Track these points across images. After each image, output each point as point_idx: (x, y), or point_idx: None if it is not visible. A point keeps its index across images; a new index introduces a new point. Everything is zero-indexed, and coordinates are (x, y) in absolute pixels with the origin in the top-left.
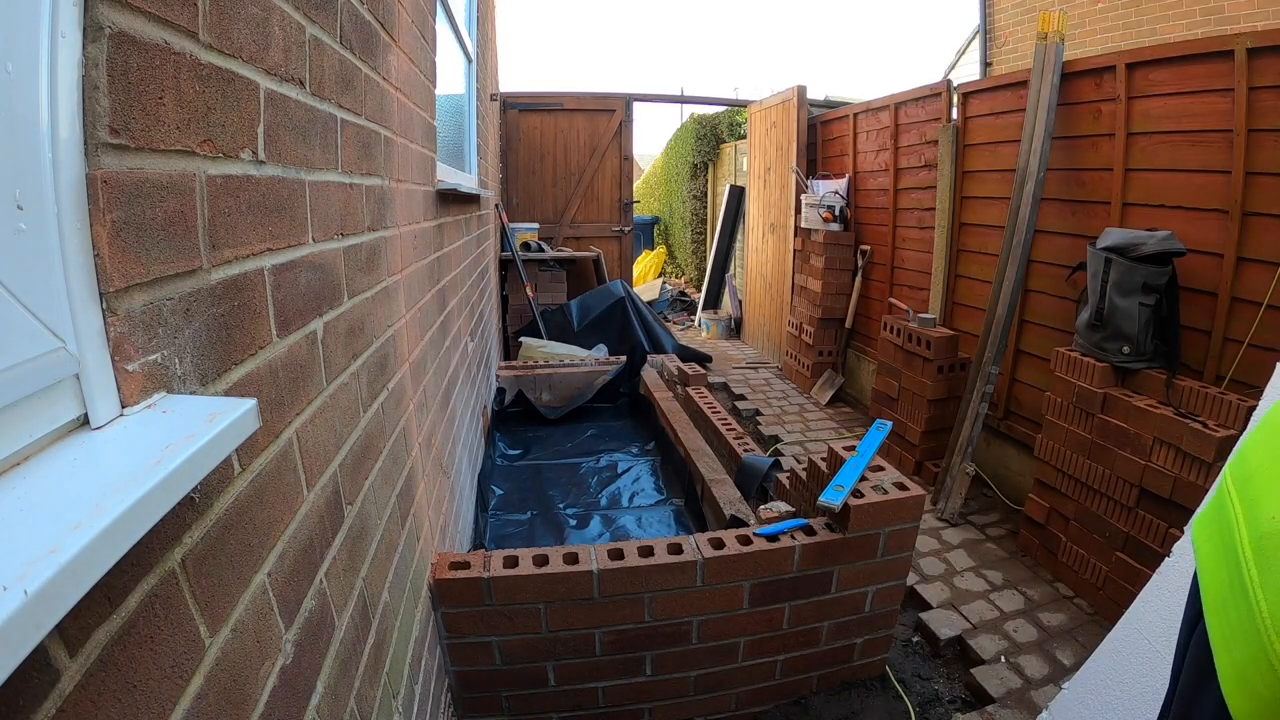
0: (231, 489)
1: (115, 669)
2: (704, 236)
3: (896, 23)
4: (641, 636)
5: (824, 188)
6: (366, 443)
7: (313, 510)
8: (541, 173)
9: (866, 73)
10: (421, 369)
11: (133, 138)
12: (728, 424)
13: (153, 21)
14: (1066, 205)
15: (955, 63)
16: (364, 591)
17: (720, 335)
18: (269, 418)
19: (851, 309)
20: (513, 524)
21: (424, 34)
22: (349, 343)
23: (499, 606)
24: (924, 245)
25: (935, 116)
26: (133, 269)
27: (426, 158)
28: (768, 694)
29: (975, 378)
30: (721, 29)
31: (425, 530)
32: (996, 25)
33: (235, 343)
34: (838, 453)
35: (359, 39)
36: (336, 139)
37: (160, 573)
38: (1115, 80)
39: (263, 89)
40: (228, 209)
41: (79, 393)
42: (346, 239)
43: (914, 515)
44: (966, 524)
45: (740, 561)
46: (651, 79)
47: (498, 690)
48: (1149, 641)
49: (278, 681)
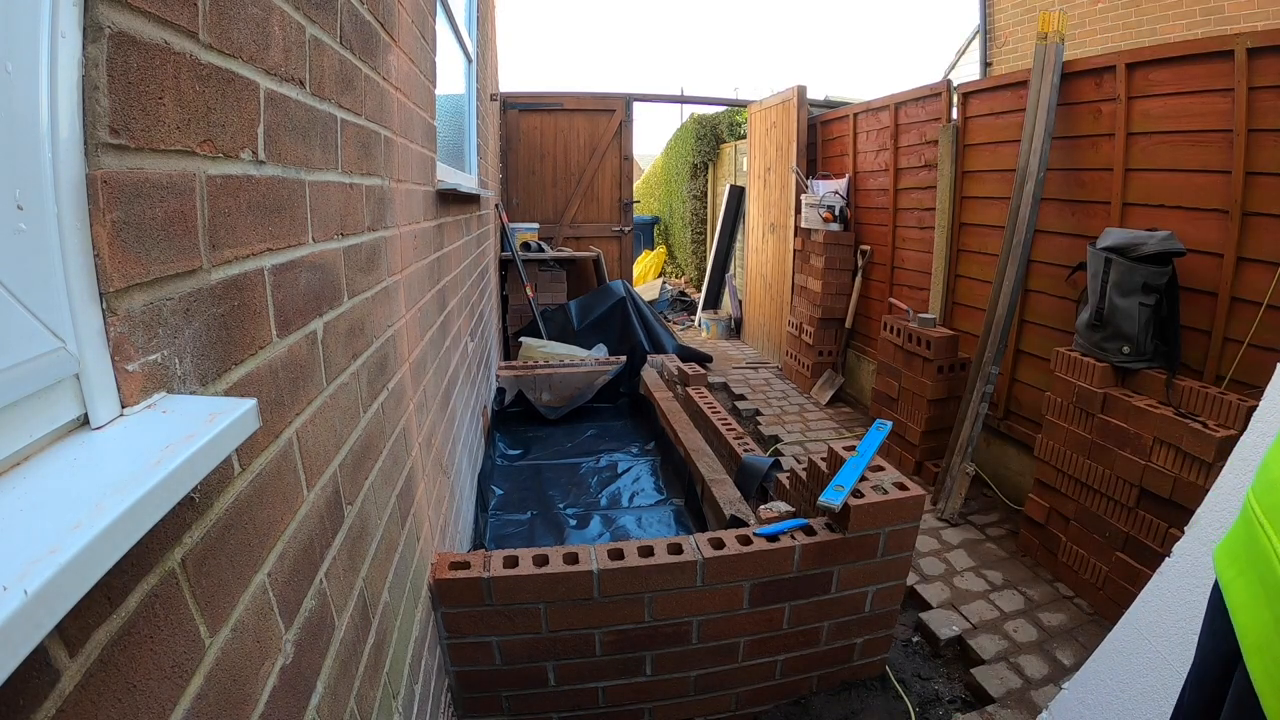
0: (231, 489)
1: (115, 669)
2: (704, 236)
3: (896, 23)
4: (641, 636)
5: (824, 188)
6: (366, 443)
7: (313, 510)
8: (541, 173)
9: (866, 73)
10: (421, 369)
11: (133, 138)
12: (728, 424)
13: (153, 21)
14: (1066, 205)
15: (955, 63)
16: (364, 591)
17: (720, 335)
18: (269, 418)
19: (851, 309)
20: (513, 524)
21: (424, 34)
22: (349, 343)
23: (499, 606)
24: (924, 245)
25: (935, 116)
26: (133, 269)
27: (426, 158)
28: (768, 694)
29: (975, 378)
30: (721, 29)
31: (425, 530)
32: (996, 25)
33: (235, 343)
34: (838, 453)
35: (359, 39)
36: (336, 139)
37: (160, 573)
38: (1115, 80)
39: (263, 89)
40: (228, 209)
41: (79, 393)
42: (346, 239)
43: (914, 515)
44: (966, 524)
45: (740, 561)
46: (651, 79)
47: (498, 690)
48: (1149, 641)
49: (278, 681)
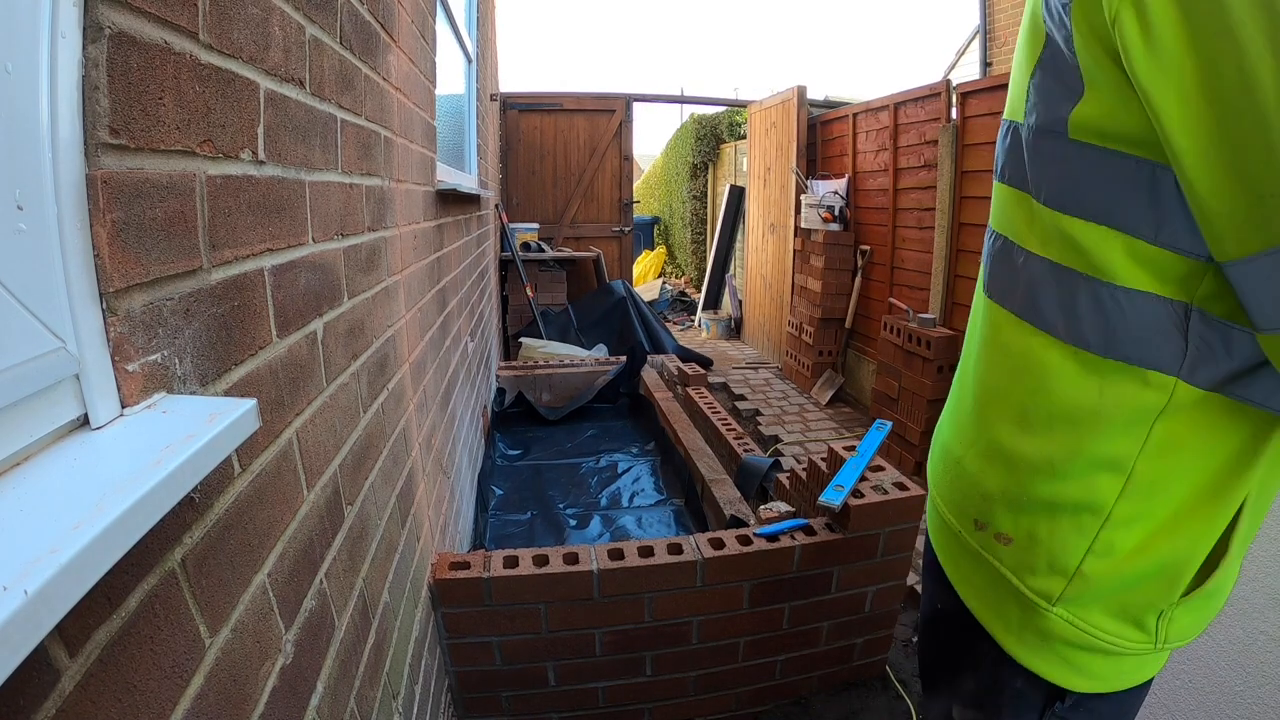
0: (231, 489)
1: (115, 669)
2: (704, 236)
3: (896, 23)
4: (641, 636)
5: (824, 188)
6: (366, 443)
7: (313, 510)
8: (541, 173)
9: (866, 73)
10: (421, 369)
11: (133, 138)
12: (728, 424)
13: (153, 21)
14: None
15: (955, 63)
16: (364, 591)
17: (720, 335)
18: (269, 418)
19: (851, 309)
20: (513, 524)
21: (424, 34)
22: (349, 343)
23: (499, 606)
24: (924, 245)
25: (935, 116)
26: (133, 269)
27: (426, 158)
28: (768, 694)
29: None
30: (721, 29)
31: (425, 530)
32: (996, 25)
33: (235, 343)
34: (838, 453)
35: (359, 39)
36: (336, 139)
37: (160, 573)
38: None
39: (263, 89)
40: (228, 209)
41: (79, 393)
42: (346, 239)
43: (914, 515)
44: None
45: (740, 561)
46: (651, 79)
47: (498, 690)
48: None
49: (278, 682)
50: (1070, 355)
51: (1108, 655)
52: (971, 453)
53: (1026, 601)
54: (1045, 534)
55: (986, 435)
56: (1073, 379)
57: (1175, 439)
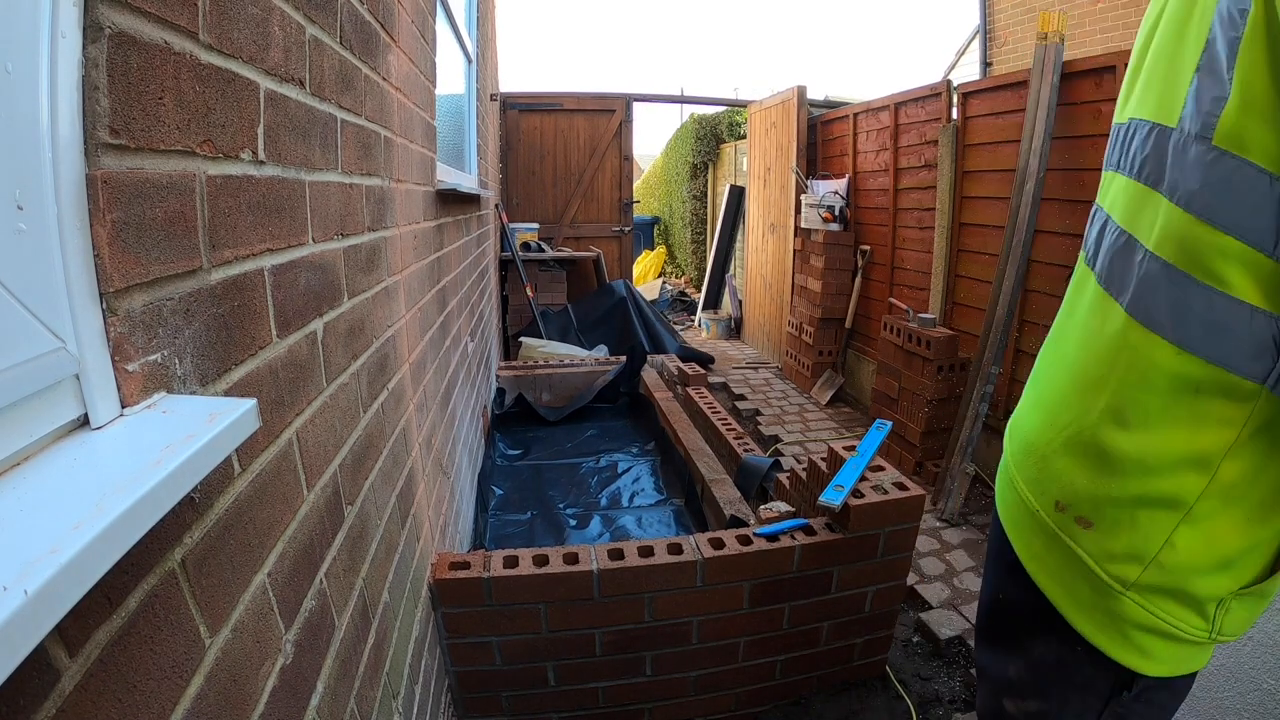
0: (231, 489)
1: (115, 669)
2: (704, 236)
3: (896, 23)
4: (641, 636)
5: (824, 188)
6: (366, 443)
7: (313, 510)
8: (541, 173)
9: (866, 73)
10: (421, 369)
11: (133, 138)
12: (728, 424)
13: (153, 21)
14: (1066, 205)
15: (955, 63)
16: (364, 592)
17: (720, 335)
18: (269, 418)
19: (851, 309)
20: (513, 524)
21: (424, 34)
22: (349, 343)
23: (499, 606)
24: (924, 245)
25: (935, 116)
26: (133, 269)
27: (426, 158)
28: (768, 694)
29: (975, 378)
30: (721, 29)
31: (425, 530)
32: (996, 25)
33: (235, 343)
34: (838, 453)
35: (359, 39)
36: (336, 139)
37: (160, 573)
38: (1115, 80)
39: (263, 89)
40: (228, 209)
41: (79, 393)
42: (346, 239)
43: (914, 515)
44: (966, 524)
45: (740, 561)
46: (651, 79)
47: (498, 690)
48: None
49: (278, 682)
50: (1173, 355)
51: (1169, 640)
52: (1060, 438)
53: (1100, 584)
54: (1128, 523)
55: (1079, 422)
56: (1173, 379)
57: (1259, 445)
